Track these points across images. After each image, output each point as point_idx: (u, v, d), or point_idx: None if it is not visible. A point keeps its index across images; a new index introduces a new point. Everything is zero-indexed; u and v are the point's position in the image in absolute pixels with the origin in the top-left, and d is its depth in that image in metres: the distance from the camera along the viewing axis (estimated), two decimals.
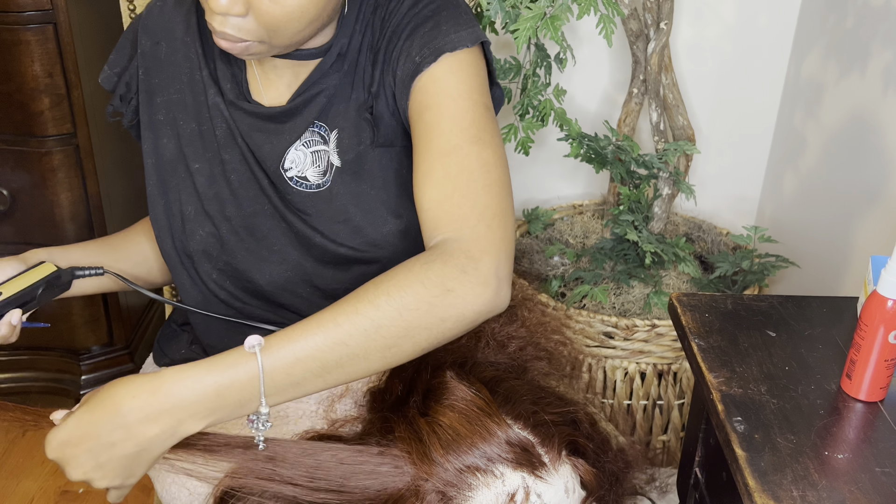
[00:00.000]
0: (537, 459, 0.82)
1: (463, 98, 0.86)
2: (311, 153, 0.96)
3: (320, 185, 0.96)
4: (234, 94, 0.96)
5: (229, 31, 0.84)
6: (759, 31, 1.73)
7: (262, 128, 0.96)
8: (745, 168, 1.87)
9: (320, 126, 0.95)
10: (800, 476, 0.76)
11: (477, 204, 0.81)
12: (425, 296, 0.75)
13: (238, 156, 0.97)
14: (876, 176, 1.42)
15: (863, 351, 0.84)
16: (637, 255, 1.56)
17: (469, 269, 0.76)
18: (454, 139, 0.84)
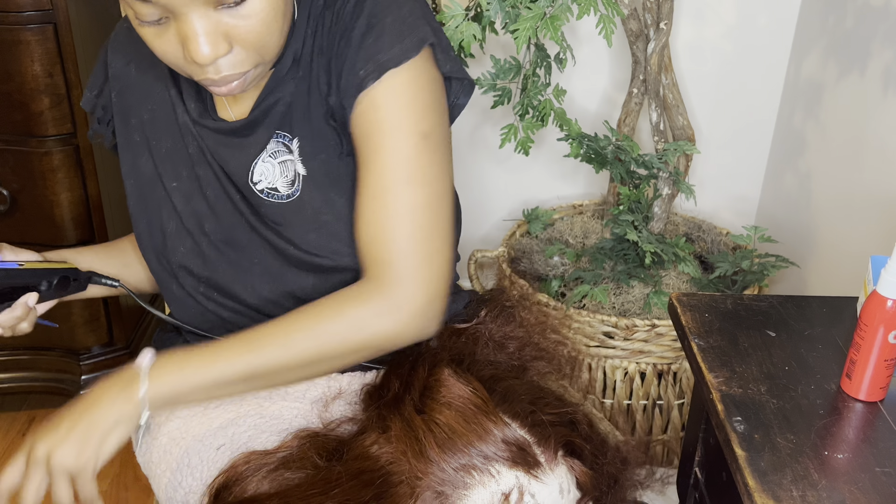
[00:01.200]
0: (533, 459, 0.82)
1: (400, 131, 0.87)
2: (278, 164, 0.94)
3: (290, 196, 0.94)
4: (197, 112, 0.95)
5: (227, 72, 0.83)
6: (759, 31, 1.73)
7: (227, 143, 0.95)
8: (745, 168, 1.87)
9: (282, 135, 0.94)
10: (800, 476, 0.76)
11: (413, 238, 0.87)
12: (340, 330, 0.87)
13: (210, 173, 0.96)
14: (876, 176, 1.42)
15: (863, 351, 0.84)
16: (637, 255, 1.56)
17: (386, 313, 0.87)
18: (386, 180, 0.87)
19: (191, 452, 0.94)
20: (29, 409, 1.84)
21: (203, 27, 0.79)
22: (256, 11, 0.80)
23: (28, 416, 1.82)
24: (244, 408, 0.96)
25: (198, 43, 0.79)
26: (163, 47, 0.82)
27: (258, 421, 0.94)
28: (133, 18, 0.82)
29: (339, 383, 0.99)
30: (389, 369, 0.94)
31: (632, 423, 1.55)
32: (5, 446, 1.74)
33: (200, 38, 0.79)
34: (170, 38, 0.81)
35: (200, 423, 0.96)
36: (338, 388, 0.98)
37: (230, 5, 0.79)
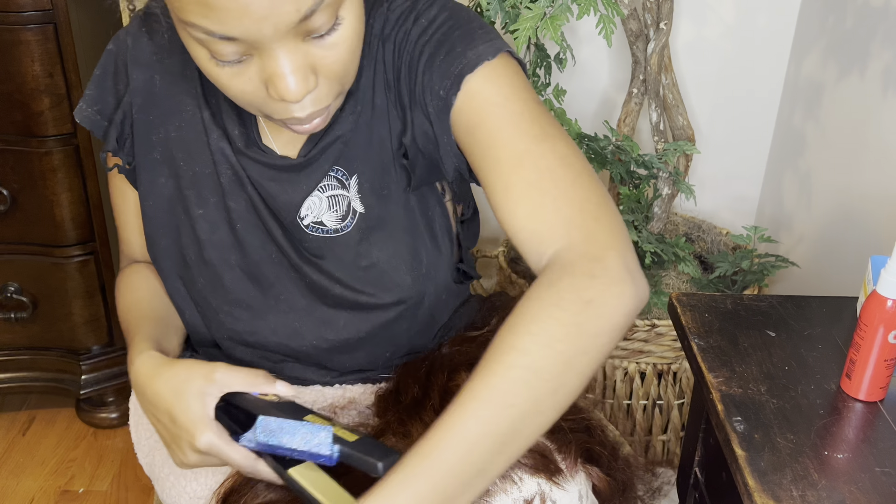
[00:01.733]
0: (554, 465, 0.81)
1: (511, 100, 0.79)
2: (326, 198, 0.89)
3: (338, 231, 0.90)
4: (243, 142, 0.89)
5: (312, 109, 0.75)
6: (759, 31, 1.73)
7: (276, 178, 0.89)
8: (745, 168, 1.87)
9: (337, 170, 0.89)
10: (799, 476, 0.76)
11: (574, 199, 0.73)
12: (568, 318, 0.67)
13: (246, 203, 0.90)
14: (876, 176, 1.42)
15: (862, 351, 0.84)
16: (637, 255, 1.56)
17: (597, 271, 0.69)
18: (521, 145, 0.76)
19: None
20: (29, 409, 1.84)
21: (291, 63, 0.72)
22: (344, 39, 0.74)
23: (28, 416, 1.82)
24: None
25: (287, 80, 0.72)
26: (241, 87, 0.75)
27: None
28: (206, 60, 0.74)
29: (352, 393, 0.98)
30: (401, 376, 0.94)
31: (632, 423, 1.55)
32: (5, 446, 1.74)
33: (290, 76, 0.72)
34: (250, 77, 0.74)
35: None
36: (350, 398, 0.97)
37: (319, 35, 0.72)
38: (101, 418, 1.77)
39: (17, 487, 1.64)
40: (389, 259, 0.90)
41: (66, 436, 1.77)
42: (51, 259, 1.58)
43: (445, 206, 0.94)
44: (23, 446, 1.74)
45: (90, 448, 1.74)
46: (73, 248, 1.58)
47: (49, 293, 1.62)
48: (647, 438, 1.57)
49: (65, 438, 1.77)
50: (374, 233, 0.90)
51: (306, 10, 0.69)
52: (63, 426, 1.80)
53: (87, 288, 1.62)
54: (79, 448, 1.74)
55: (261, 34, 0.69)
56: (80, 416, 1.80)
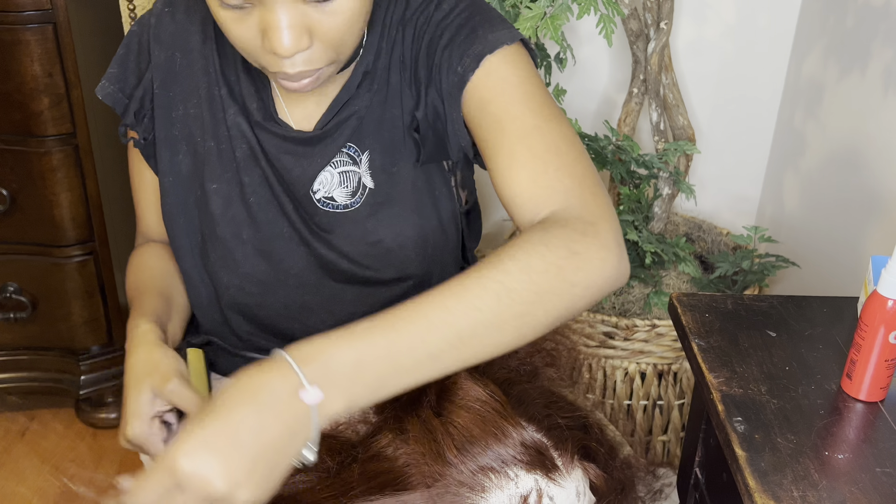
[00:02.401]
0: (550, 462, 0.82)
1: (525, 82, 0.82)
2: (338, 173, 0.92)
3: (348, 206, 0.92)
4: (261, 115, 0.92)
5: (302, 67, 0.79)
6: (759, 31, 1.73)
7: (291, 150, 0.92)
8: (745, 168, 1.87)
9: (350, 147, 0.92)
10: (800, 476, 0.76)
11: (575, 174, 0.77)
12: (552, 258, 0.69)
13: (259, 178, 0.93)
14: (876, 176, 1.42)
15: (863, 351, 0.84)
16: (637, 255, 1.56)
17: (589, 232, 0.71)
18: (530, 120, 0.79)
19: None
20: (28, 409, 1.84)
21: (288, 19, 0.76)
22: (344, 9, 0.78)
23: (28, 416, 1.82)
24: None
25: (280, 34, 0.76)
26: (240, 33, 0.79)
27: None
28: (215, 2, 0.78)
29: None
30: None
31: (632, 424, 1.55)
32: (5, 446, 1.74)
33: (284, 30, 0.76)
34: (250, 25, 0.78)
35: None
36: None
37: (318, 0, 0.76)
38: (100, 418, 1.77)
39: (16, 488, 1.64)
40: (396, 237, 0.93)
41: (66, 436, 1.77)
42: (50, 259, 1.58)
43: (452, 192, 0.96)
44: (22, 446, 1.74)
45: (90, 448, 1.74)
46: (73, 248, 1.58)
47: (48, 293, 1.62)
48: (648, 439, 1.57)
49: (64, 438, 1.76)
50: (382, 209, 0.92)
51: None
52: (62, 426, 1.80)
53: (87, 288, 1.62)
54: (78, 448, 1.74)
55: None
56: (79, 417, 1.80)
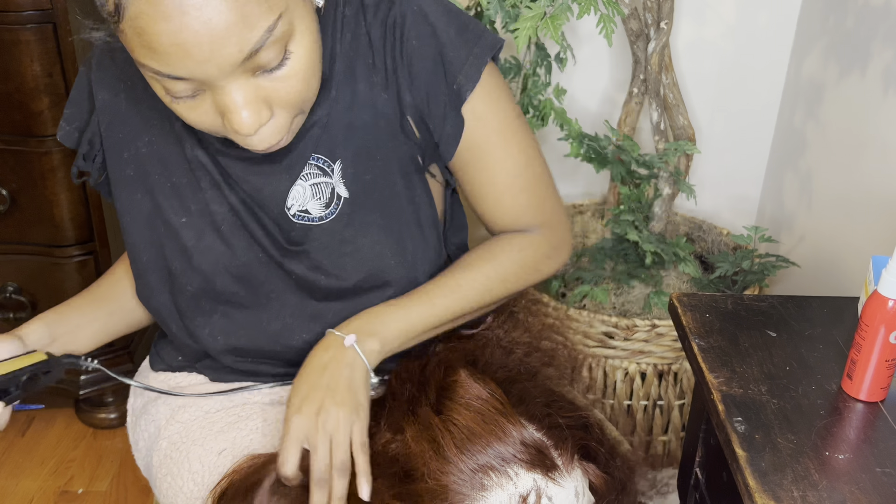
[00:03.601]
0: (550, 462, 0.82)
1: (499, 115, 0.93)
2: (310, 186, 0.90)
3: (323, 218, 0.91)
4: (219, 142, 0.89)
5: (270, 140, 0.78)
6: (759, 31, 1.73)
7: (258, 171, 0.89)
8: (745, 168, 1.87)
9: (317, 158, 0.90)
10: (800, 476, 0.76)
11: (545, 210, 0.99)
12: (522, 274, 0.97)
13: (227, 207, 0.91)
14: (876, 176, 1.42)
15: (863, 351, 0.84)
16: (637, 255, 1.56)
17: (553, 255, 0.99)
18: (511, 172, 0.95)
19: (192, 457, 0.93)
20: None
21: (243, 97, 0.74)
22: (296, 71, 0.76)
23: (28, 416, 1.82)
24: (245, 411, 0.96)
25: (239, 115, 0.75)
26: (198, 119, 0.77)
27: (260, 424, 0.94)
28: (163, 94, 0.76)
29: None
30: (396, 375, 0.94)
31: (632, 424, 1.55)
32: (5, 446, 1.74)
33: (242, 111, 0.74)
34: (206, 110, 0.76)
35: (202, 427, 0.96)
36: None
37: (268, 70, 0.75)
38: (100, 419, 1.77)
39: (16, 488, 1.64)
40: (373, 245, 0.92)
41: (66, 436, 1.77)
42: (50, 259, 1.58)
43: (432, 198, 0.96)
44: (22, 446, 1.74)
45: (89, 448, 1.74)
46: (73, 248, 1.58)
47: (48, 293, 1.62)
48: (648, 439, 1.57)
49: (64, 439, 1.76)
50: (358, 217, 0.91)
51: (249, 51, 0.71)
52: (62, 426, 1.80)
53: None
54: (78, 448, 1.74)
55: (207, 74, 0.72)
56: (79, 417, 1.80)
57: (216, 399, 0.98)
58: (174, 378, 1.03)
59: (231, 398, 0.98)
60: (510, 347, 0.98)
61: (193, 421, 0.97)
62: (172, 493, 0.94)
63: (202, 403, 0.98)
